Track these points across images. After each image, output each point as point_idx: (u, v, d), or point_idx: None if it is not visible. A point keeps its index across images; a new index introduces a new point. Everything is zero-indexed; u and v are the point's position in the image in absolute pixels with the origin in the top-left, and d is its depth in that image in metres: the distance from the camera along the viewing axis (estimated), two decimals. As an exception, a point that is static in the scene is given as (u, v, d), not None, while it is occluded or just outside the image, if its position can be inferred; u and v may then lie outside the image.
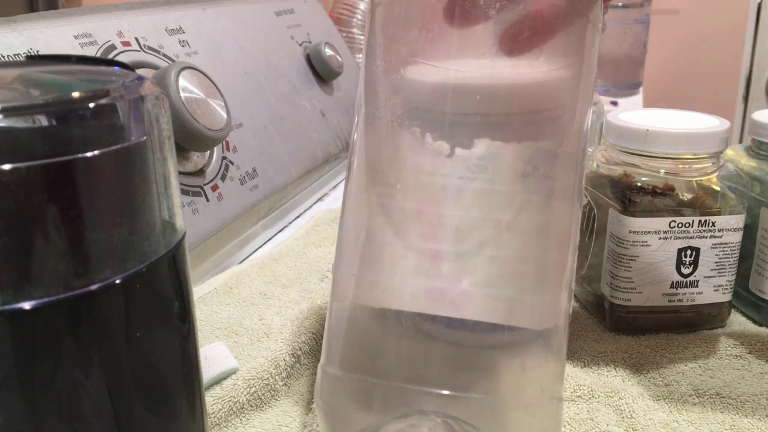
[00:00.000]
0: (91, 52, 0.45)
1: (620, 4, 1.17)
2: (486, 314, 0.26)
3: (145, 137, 0.21)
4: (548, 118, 0.26)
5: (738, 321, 0.43)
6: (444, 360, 0.26)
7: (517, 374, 0.26)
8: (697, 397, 0.35)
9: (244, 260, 0.54)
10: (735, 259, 0.40)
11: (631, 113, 0.41)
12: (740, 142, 0.96)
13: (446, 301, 0.25)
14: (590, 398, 0.34)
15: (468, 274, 0.25)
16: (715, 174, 0.39)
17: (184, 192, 0.48)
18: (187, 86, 0.46)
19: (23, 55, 0.41)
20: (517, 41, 0.25)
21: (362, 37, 0.91)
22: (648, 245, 0.39)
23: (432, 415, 0.25)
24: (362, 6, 1.10)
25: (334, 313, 0.28)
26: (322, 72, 0.71)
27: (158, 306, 0.23)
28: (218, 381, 0.36)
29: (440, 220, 0.25)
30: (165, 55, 0.50)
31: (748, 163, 0.42)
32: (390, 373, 0.26)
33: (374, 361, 0.27)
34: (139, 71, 0.47)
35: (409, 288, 0.26)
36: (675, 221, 0.39)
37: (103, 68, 0.25)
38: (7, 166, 0.18)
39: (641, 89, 1.25)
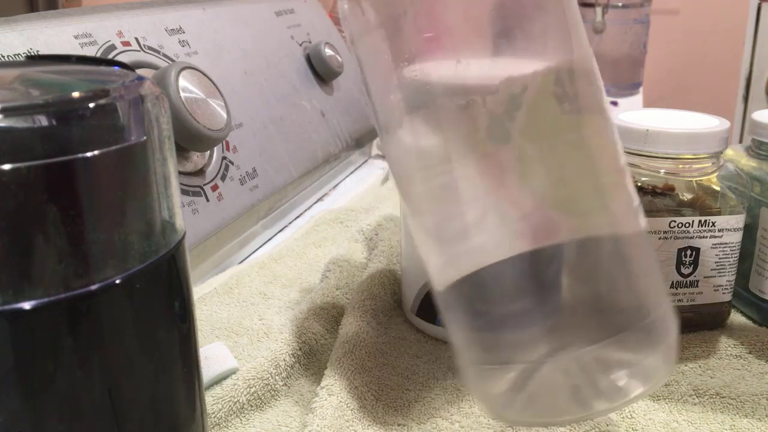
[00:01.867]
0: (91, 52, 0.45)
1: (620, 4, 1.17)
2: (573, 233, 0.27)
3: (145, 137, 0.21)
4: (542, 26, 0.28)
5: (738, 321, 0.43)
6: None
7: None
8: (697, 397, 0.35)
9: (244, 260, 0.54)
10: (735, 259, 0.40)
11: (631, 113, 0.41)
12: (740, 142, 0.96)
13: (537, 237, 0.27)
14: (590, 398, 0.34)
15: (545, 204, 0.27)
16: (715, 174, 0.39)
17: (184, 192, 0.48)
18: (187, 86, 0.46)
19: (23, 55, 0.41)
20: None
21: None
22: (648, 245, 0.39)
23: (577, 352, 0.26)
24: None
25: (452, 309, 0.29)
26: (322, 72, 0.71)
27: (158, 306, 0.23)
28: (218, 381, 0.36)
29: (501, 170, 0.27)
30: (165, 55, 0.50)
31: (748, 163, 0.42)
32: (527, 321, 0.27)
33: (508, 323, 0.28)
34: (139, 71, 0.47)
35: (501, 238, 0.27)
36: (675, 221, 0.39)
37: (103, 68, 0.25)
38: (7, 166, 0.18)
39: (641, 89, 1.24)
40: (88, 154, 0.19)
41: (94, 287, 0.20)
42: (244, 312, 0.44)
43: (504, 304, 0.27)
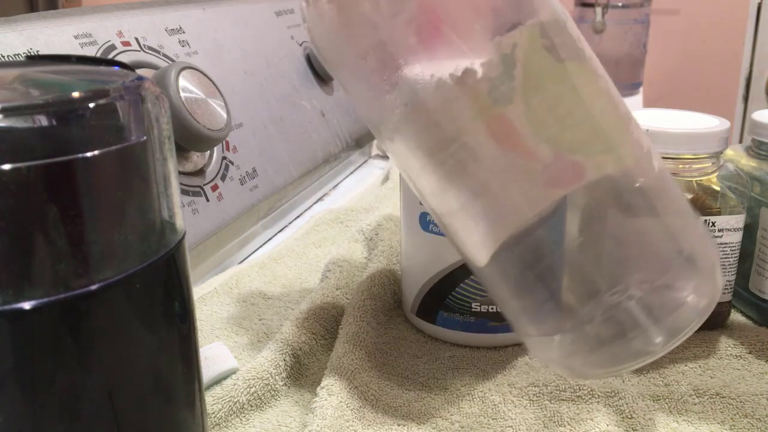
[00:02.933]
0: (91, 52, 0.45)
1: (620, 4, 1.17)
2: (598, 170, 0.28)
3: (145, 137, 0.21)
4: None
5: (738, 321, 0.43)
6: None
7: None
8: (697, 397, 0.35)
9: (244, 260, 0.54)
10: (735, 259, 0.40)
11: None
12: (740, 142, 0.96)
13: (564, 182, 0.28)
14: (590, 398, 0.34)
15: (563, 149, 0.27)
16: (715, 174, 0.39)
17: (184, 192, 0.48)
18: (187, 86, 0.46)
19: (23, 55, 0.41)
20: None
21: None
22: (648, 245, 0.39)
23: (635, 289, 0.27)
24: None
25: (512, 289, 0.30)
26: (322, 72, 0.71)
27: (158, 306, 0.23)
28: (218, 381, 0.36)
29: (512, 129, 0.27)
30: (165, 55, 0.50)
31: (748, 163, 0.42)
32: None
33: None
34: (139, 71, 0.47)
35: (530, 193, 0.28)
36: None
37: (103, 68, 0.25)
38: (7, 166, 0.18)
39: (641, 89, 1.24)
40: (88, 154, 0.19)
41: (94, 287, 0.20)
42: (244, 312, 0.44)
43: (546, 264, 0.28)
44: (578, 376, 0.31)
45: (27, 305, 0.19)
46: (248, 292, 0.47)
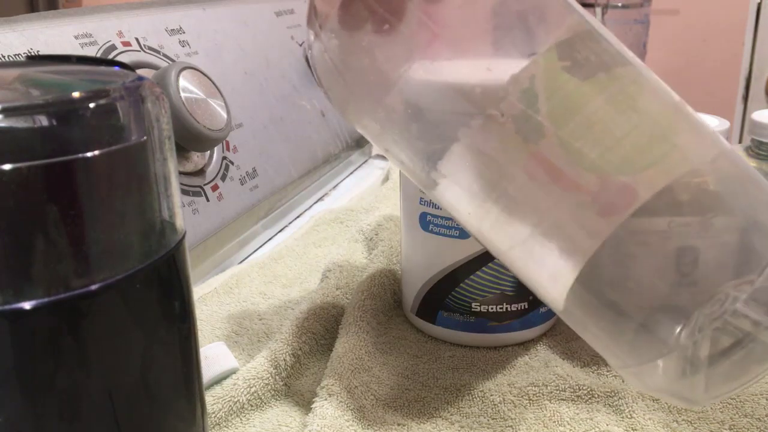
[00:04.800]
0: (91, 52, 0.45)
1: (620, 4, 1.17)
2: (652, 187, 0.26)
3: (145, 137, 0.21)
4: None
5: (738, 321, 0.43)
6: None
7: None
8: (697, 397, 0.35)
9: (244, 260, 0.54)
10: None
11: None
12: (740, 142, 0.96)
13: (617, 208, 0.26)
14: (590, 398, 0.34)
15: (607, 173, 0.26)
16: (715, 174, 0.39)
17: (184, 192, 0.48)
18: (187, 86, 0.46)
19: (23, 55, 0.41)
20: None
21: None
22: (648, 245, 0.39)
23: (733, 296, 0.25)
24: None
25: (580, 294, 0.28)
26: (322, 72, 0.71)
27: (158, 306, 0.23)
28: (218, 381, 0.36)
29: (551, 164, 0.26)
30: (165, 55, 0.50)
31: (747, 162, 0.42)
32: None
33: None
34: (140, 71, 0.47)
35: (587, 227, 0.26)
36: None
37: (103, 68, 0.25)
38: (7, 166, 0.18)
39: (641, 89, 1.24)
40: (88, 154, 0.19)
41: (94, 287, 0.20)
42: (244, 312, 0.44)
43: (628, 288, 0.26)
44: (690, 403, 0.27)
45: (27, 305, 0.19)
46: (248, 292, 0.47)
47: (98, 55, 0.45)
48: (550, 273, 0.27)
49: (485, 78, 0.27)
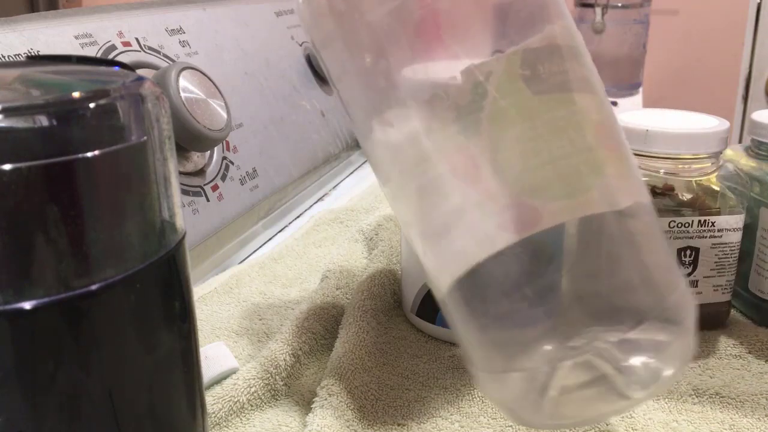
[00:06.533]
0: (91, 52, 0.45)
1: (620, 4, 1.17)
2: (554, 218, 0.25)
3: (145, 137, 0.21)
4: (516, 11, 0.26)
5: (737, 321, 0.43)
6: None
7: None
8: (696, 397, 0.35)
9: (244, 260, 0.54)
10: (734, 259, 0.40)
11: (631, 113, 0.41)
12: (740, 142, 0.96)
13: (517, 227, 0.25)
14: (590, 398, 0.34)
15: (522, 192, 0.25)
16: (715, 174, 0.39)
17: (184, 192, 0.48)
18: (187, 86, 0.46)
19: (24, 56, 0.41)
20: None
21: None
22: (648, 245, 0.39)
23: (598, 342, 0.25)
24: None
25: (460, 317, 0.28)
26: (322, 72, 0.71)
27: (158, 306, 0.23)
28: (218, 381, 0.36)
29: (474, 163, 0.25)
30: (165, 56, 0.51)
31: (747, 163, 0.42)
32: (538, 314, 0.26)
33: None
34: (140, 71, 0.47)
35: (482, 235, 0.26)
36: (674, 221, 0.39)
37: (103, 68, 0.25)
38: (7, 166, 0.18)
39: (641, 89, 1.24)
40: (89, 155, 0.19)
41: (94, 287, 0.20)
42: (244, 312, 0.44)
43: (503, 302, 0.26)
44: (525, 422, 0.28)
45: (27, 305, 0.19)
46: (248, 292, 0.47)
47: (98, 56, 0.45)
48: (438, 264, 0.27)
49: (452, 58, 0.26)
